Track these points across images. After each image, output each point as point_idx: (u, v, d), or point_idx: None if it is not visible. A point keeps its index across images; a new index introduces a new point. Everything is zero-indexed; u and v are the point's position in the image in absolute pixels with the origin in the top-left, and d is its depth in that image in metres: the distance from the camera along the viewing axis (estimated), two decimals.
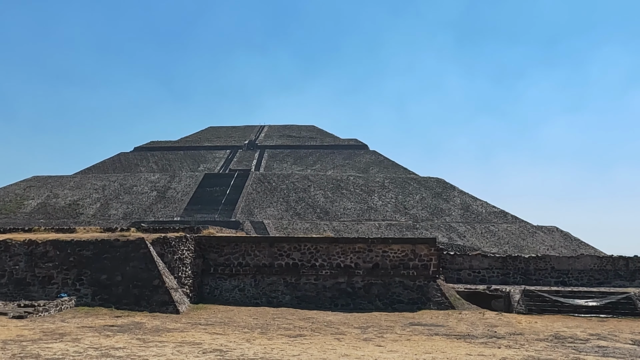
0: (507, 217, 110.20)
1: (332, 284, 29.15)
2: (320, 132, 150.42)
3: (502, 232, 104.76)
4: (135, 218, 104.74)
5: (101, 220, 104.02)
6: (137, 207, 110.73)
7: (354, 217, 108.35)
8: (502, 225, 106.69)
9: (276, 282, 29.43)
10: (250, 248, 29.95)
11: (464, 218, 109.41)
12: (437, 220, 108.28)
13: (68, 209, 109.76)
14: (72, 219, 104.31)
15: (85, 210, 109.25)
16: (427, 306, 27.94)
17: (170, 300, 25.59)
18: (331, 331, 21.68)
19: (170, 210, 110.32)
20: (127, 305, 25.43)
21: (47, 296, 25.99)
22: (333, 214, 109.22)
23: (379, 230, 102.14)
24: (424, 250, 28.98)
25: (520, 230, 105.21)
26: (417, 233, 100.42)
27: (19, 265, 26.90)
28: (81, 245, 27.21)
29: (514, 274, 31.87)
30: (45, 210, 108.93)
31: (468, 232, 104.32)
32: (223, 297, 29.33)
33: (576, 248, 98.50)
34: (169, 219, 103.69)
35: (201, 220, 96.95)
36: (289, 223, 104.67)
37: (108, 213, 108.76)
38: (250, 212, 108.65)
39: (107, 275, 26.35)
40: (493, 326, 23.54)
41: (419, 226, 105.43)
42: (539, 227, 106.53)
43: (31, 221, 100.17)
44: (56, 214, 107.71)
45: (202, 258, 30.04)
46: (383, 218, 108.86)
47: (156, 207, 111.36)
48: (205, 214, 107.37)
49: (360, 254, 29.31)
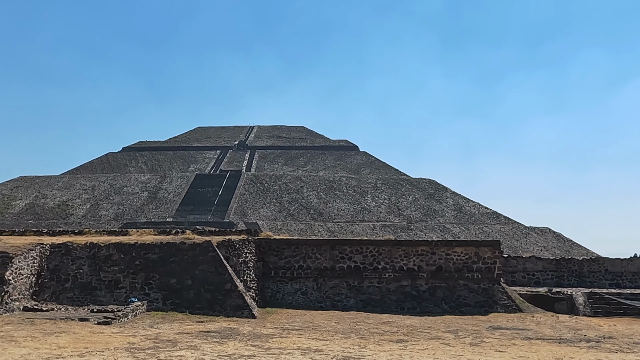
0: (499, 219, 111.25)
1: (396, 287, 28.91)
2: (310, 133, 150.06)
3: (496, 233, 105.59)
4: (127, 219, 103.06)
5: (92, 221, 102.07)
6: (128, 208, 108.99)
7: (348, 218, 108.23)
8: (496, 226, 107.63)
9: (339, 285, 29.09)
10: (311, 251, 29.56)
11: (457, 219, 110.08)
12: (430, 222, 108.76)
13: (57, 210, 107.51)
14: (62, 220, 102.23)
15: (75, 211, 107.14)
16: (494, 309, 27.88)
17: (244, 304, 25.06)
18: (428, 335, 21.43)
19: (162, 211, 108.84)
20: (200, 310, 24.84)
21: (116, 301, 25.25)
22: (327, 215, 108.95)
23: (374, 232, 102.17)
24: (487, 253, 28.93)
25: (514, 231, 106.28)
26: (412, 234, 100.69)
27: (83, 269, 26.07)
28: (146, 249, 26.50)
29: (568, 276, 32.07)
30: (34, 211, 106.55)
31: (462, 233, 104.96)
32: (286, 301, 28.86)
33: (569, 249, 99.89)
34: (161, 220, 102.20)
35: (194, 221, 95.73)
36: (283, 224, 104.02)
37: (99, 214, 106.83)
38: (243, 213, 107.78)
39: (177, 279, 25.70)
40: (577, 329, 23.55)
41: (413, 227, 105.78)
42: (531, 228, 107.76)
43: (20, 222, 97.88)
44: (45, 214, 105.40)
45: (262, 261, 29.54)
46: (377, 219, 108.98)
47: (147, 208, 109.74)
48: (198, 215, 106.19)
49: (423, 257, 29.13)
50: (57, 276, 25.81)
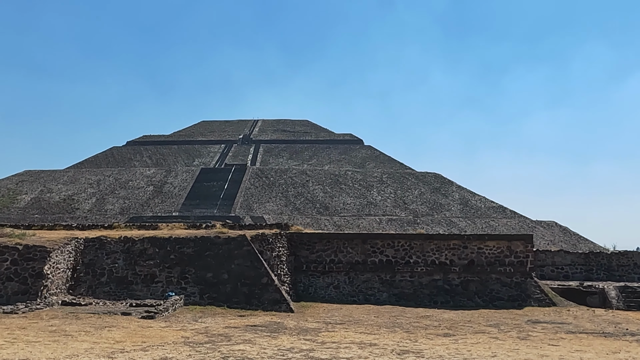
0: (506, 212, 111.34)
1: (429, 281, 28.88)
2: (315, 127, 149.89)
3: (503, 227, 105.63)
4: (133, 213, 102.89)
5: (98, 215, 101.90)
6: (134, 202, 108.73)
7: (354, 212, 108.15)
8: (502, 220, 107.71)
9: (371, 279, 29.04)
10: (343, 245, 29.50)
11: (463, 213, 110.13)
12: (437, 215, 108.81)
13: (63, 204, 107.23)
14: (67, 214, 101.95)
15: (81, 205, 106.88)
16: (528, 303, 27.87)
17: (282, 298, 25.01)
18: (472, 329, 21.40)
19: (168, 205, 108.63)
20: (237, 304, 24.77)
21: (153, 295, 25.17)
22: (333, 209, 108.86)
23: (380, 226, 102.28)
24: (519, 247, 28.91)
25: (520, 225, 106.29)
26: (419, 228, 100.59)
27: (118, 263, 25.96)
28: (181, 243, 26.40)
29: (596, 270, 32.10)
30: (39, 205, 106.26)
31: (469, 227, 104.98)
32: (318, 295, 28.82)
33: (575, 243, 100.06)
34: (167, 214, 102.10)
35: (200, 216, 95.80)
36: (289, 218, 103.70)
37: (104, 208, 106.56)
38: (249, 207, 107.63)
39: (213, 273, 25.62)
40: (616, 323, 23.54)
41: (420, 221, 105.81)
42: (538, 222, 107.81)
43: (26, 216, 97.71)
44: (51, 209, 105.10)
45: (294, 255, 29.46)
46: (383, 213, 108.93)
47: (153, 202, 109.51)
48: (204, 209, 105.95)
49: (455, 251, 29.10)
50: (93, 270, 25.71)
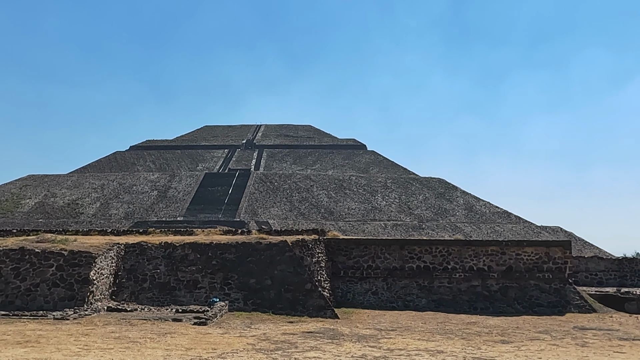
0: (510, 218, 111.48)
1: (467, 287, 28.80)
2: (318, 132, 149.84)
3: (508, 232, 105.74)
4: (137, 218, 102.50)
5: (102, 220, 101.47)
6: (139, 207, 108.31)
7: (359, 217, 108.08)
8: (507, 225, 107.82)
9: (409, 285, 28.94)
10: (380, 251, 29.40)
11: (468, 218, 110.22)
12: (442, 221, 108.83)
13: (67, 209, 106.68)
14: (72, 219, 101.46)
15: (86, 210, 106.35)
16: (568, 309, 27.81)
17: (326, 304, 24.88)
18: (524, 336, 21.29)
19: (173, 210, 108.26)
20: (282, 310, 24.61)
21: (196, 301, 24.97)
22: (338, 214, 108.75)
23: (385, 231, 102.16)
24: (557, 253, 28.87)
25: (525, 230, 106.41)
26: (424, 233, 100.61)
27: (159, 269, 25.77)
28: (222, 249, 26.23)
29: (631, 276, 32.12)
30: (43, 209, 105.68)
31: (474, 232, 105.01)
32: (357, 301, 28.69)
33: (581, 248, 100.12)
34: (172, 219, 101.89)
35: (205, 220, 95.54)
36: (294, 223, 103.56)
37: (109, 213, 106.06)
38: (254, 212, 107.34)
39: (256, 279, 25.45)
40: None
41: (425, 226, 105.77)
42: (543, 227, 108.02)
43: (30, 221, 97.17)
44: (55, 213, 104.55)
45: (331, 261, 29.33)
46: (388, 218, 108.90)
47: (158, 207, 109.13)
48: (209, 214, 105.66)
49: (493, 257, 29.04)
50: (135, 276, 25.51)
